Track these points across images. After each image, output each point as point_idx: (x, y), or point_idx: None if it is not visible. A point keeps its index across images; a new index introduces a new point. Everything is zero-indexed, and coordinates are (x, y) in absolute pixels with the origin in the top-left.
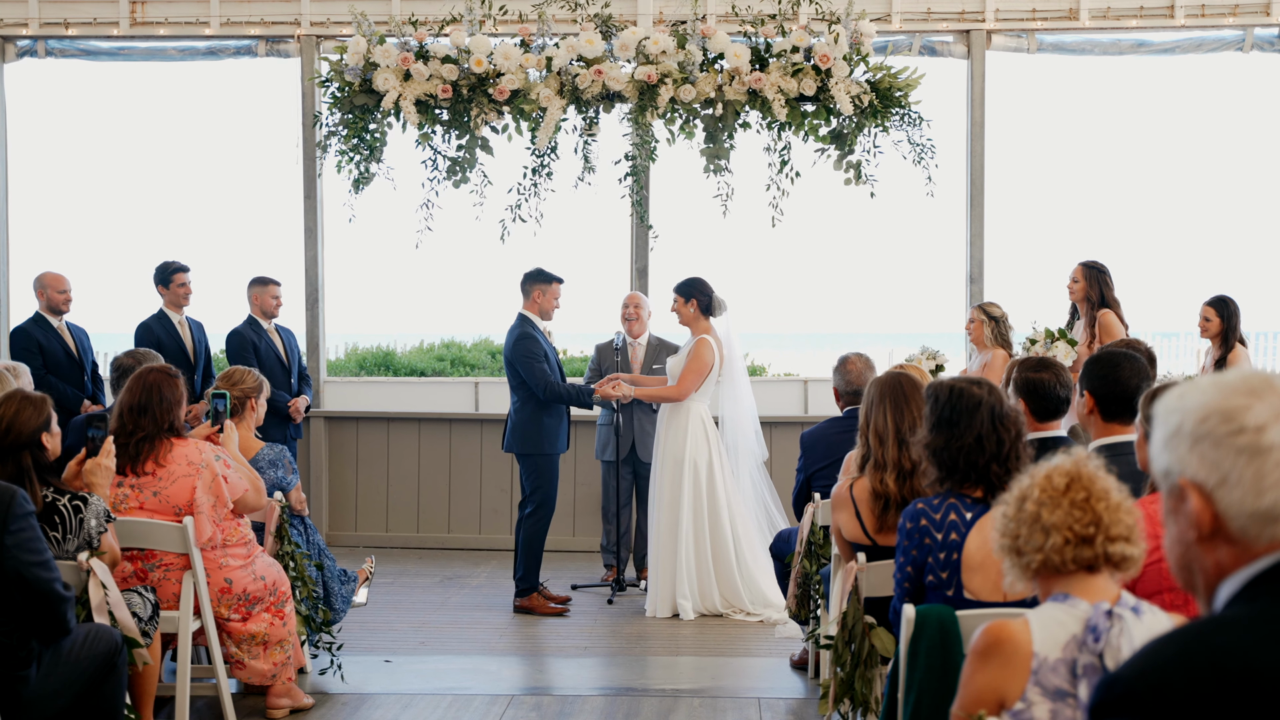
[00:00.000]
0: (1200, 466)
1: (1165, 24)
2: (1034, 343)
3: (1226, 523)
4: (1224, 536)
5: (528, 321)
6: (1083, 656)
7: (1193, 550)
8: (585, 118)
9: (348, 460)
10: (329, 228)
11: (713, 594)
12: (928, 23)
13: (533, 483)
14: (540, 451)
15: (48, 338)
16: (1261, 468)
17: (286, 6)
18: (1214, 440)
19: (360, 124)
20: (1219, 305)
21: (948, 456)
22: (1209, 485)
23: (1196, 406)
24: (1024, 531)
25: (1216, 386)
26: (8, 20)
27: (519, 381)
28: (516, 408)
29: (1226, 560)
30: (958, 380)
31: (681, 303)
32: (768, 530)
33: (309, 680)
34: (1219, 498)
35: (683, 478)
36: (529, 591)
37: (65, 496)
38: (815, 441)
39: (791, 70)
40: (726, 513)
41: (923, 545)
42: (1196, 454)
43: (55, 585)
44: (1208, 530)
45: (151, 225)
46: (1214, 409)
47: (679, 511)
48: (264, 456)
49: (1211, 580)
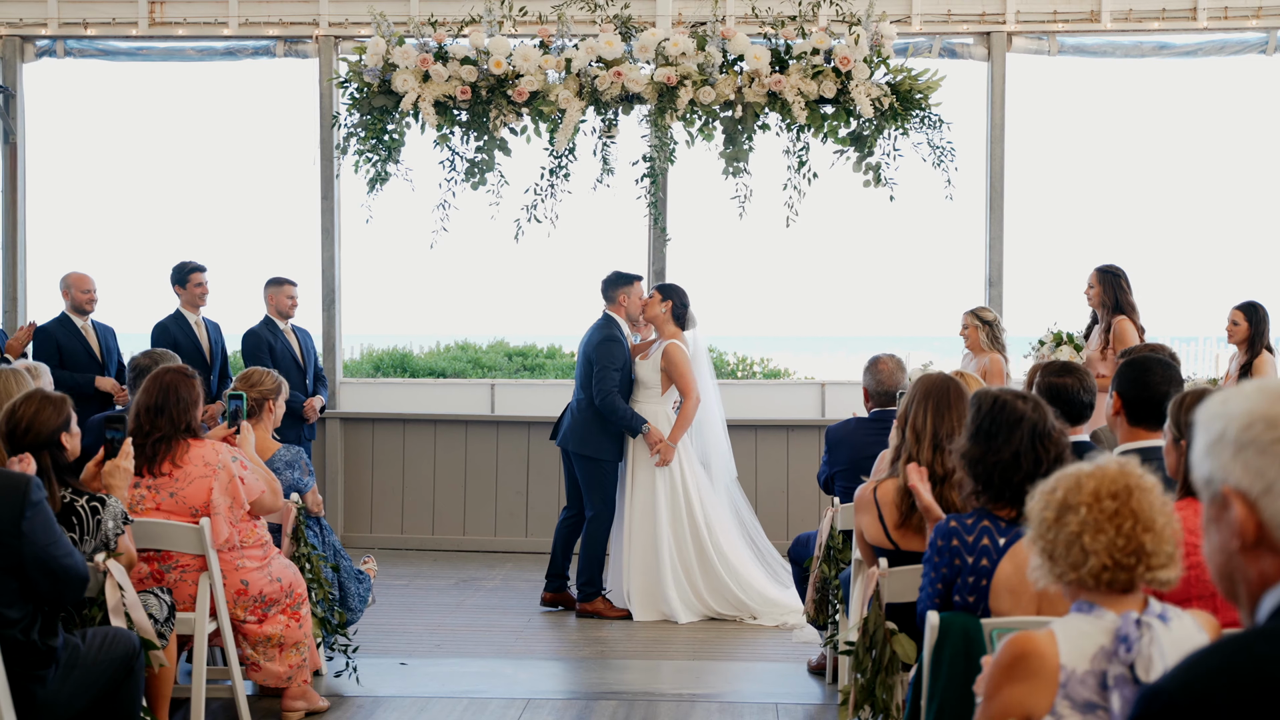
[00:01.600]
0: (1244, 474)
1: (1188, 26)
2: (1041, 344)
3: (1271, 531)
4: (1268, 545)
5: (614, 324)
6: (1113, 668)
7: (1235, 560)
8: (604, 119)
9: (363, 461)
10: (346, 228)
11: (705, 596)
12: (948, 24)
13: (592, 488)
14: (601, 457)
15: (69, 337)
16: None
17: (305, 7)
18: (1259, 447)
19: (378, 125)
20: (1248, 310)
21: (983, 470)
22: (1253, 493)
23: (1241, 413)
24: (1060, 547)
25: (1262, 392)
26: (27, 20)
27: (590, 379)
28: (584, 406)
29: (1270, 570)
30: (1004, 392)
31: (658, 299)
32: (755, 536)
33: (325, 682)
34: (1263, 506)
35: (655, 481)
36: (594, 596)
37: (83, 498)
38: (840, 441)
39: (811, 72)
40: (701, 514)
41: (953, 565)
42: (1240, 461)
43: (76, 563)
44: (1251, 539)
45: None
46: (1260, 415)
47: (656, 513)
48: (280, 458)
49: (1255, 590)
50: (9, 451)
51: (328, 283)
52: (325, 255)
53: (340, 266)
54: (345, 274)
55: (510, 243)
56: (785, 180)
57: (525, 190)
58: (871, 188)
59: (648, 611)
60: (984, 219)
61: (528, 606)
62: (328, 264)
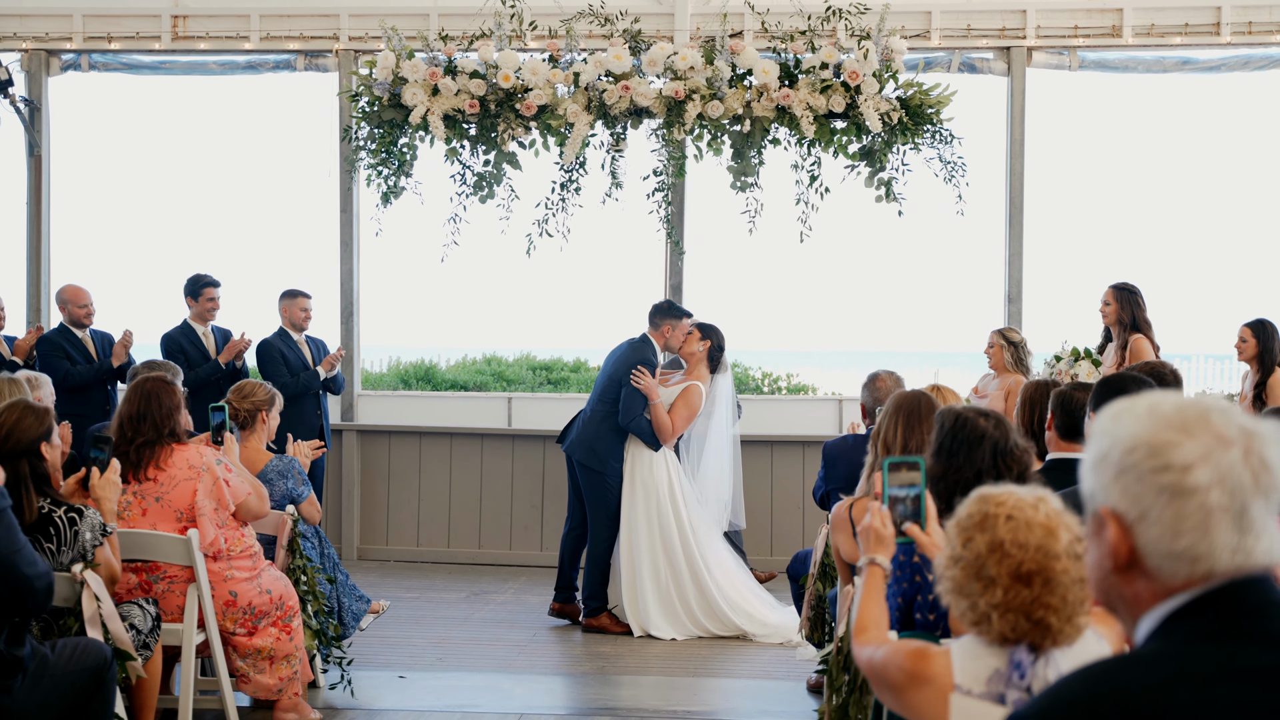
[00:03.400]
0: (1122, 498)
1: (1211, 41)
2: (1059, 360)
3: (1144, 558)
4: (1141, 570)
5: (650, 347)
6: (1011, 692)
7: (1110, 579)
8: (613, 133)
9: (380, 474)
10: (366, 241)
11: (697, 615)
12: (968, 39)
13: (596, 501)
14: (606, 470)
15: (70, 347)
16: (1182, 509)
17: (325, 21)
18: (1138, 475)
19: (389, 138)
20: (1257, 327)
21: (944, 487)
22: (1129, 518)
23: (1127, 436)
24: (965, 605)
25: (1151, 416)
26: (53, 34)
27: (613, 396)
28: (596, 419)
29: (1144, 593)
30: (966, 410)
31: (698, 336)
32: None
33: (321, 695)
34: (1139, 532)
35: (650, 499)
36: (599, 611)
37: (61, 508)
38: (837, 457)
39: (820, 86)
40: (692, 534)
41: (913, 581)
42: (1120, 485)
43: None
44: (1123, 562)
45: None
46: (1142, 441)
47: (635, 529)
48: (273, 468)
49: (1133, 611)
50: None
51: (346, 295)
52: (344, 268)
53: (359, 279)
54: (365, 286)
55: (536, 258)
56: (798, 195)
57: (536, 204)
58: (883, 203)
59: (643, 628)
60: (1003, 235)
61: (535, 621)
62: (346, 276)
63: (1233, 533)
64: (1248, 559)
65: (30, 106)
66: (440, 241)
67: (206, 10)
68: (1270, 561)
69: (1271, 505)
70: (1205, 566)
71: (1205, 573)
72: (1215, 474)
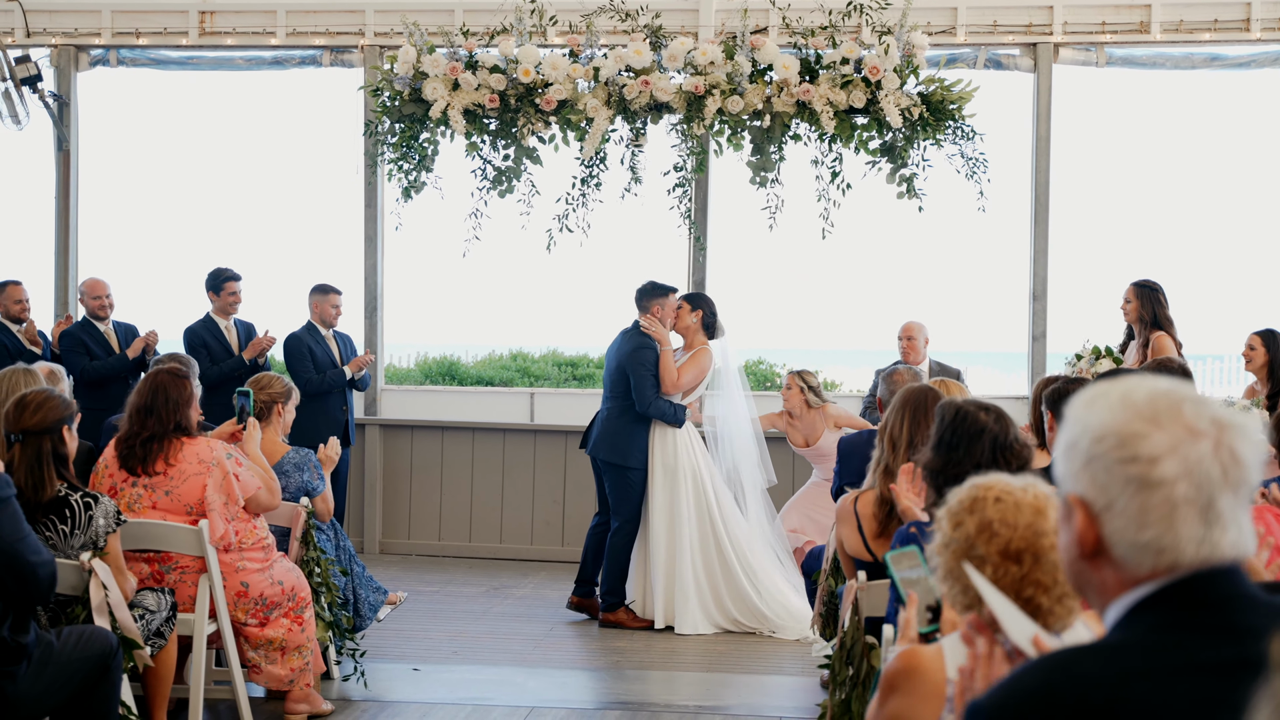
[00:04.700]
0: (1090, 487)
1: (1240, 37)
2: (1080, 358)
3: (1110, 547)
4: (1107, 559)
5: (645, 336)
6: None
7: (1079, 564)
8: (633, 128)
9: (402, 468)
10: (391, 236)
11: (727, 606)
12: (994, 35)
13: (619, 497)
14: (628, 465)
15: (93, 340)
16: (1147, 501)
17: (351, 17)
18: (1105, 464)
19: (410, 133)
20: (1267, 336)
21: (944, 481)
22: (1096, 507)
23: (1096, 425)
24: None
25: (1123, 405)
26: (82, 30)
27: (623, 389)
28: (613, 415)
29: (1111, 582)
30: (966, 403)
31: (687, 310)
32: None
33: (335, 686)
34: (1105, 521)
35: (678, 487)
36: (616, 606)
37: (78, 493)
38: (852, 452)
39: (841, 82)
40: (722, 521)
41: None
42: (1088, 474)
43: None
44: (1090, 550)
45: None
46: (1111, 431)
47: (678, 521)
48: (289, 460)
49: (1101, 598)
50: (13, 428)
51: (370, 290)
52: (368, 263)
53: (383, 274)
54: (390, 282)
55: (562, 254)
56: (819, 192)
57: (557, 200)
58: (905, 199)
59: (669, 621)
60: (1029, 232)
61: (552, 615)
62: (370, 271)
63: (1199, 525)
64: (1214, 551)
65: (59, 101)
66: (462, 237)
67: (233, 6)
68: (1239, 554)
69: (1242, 498)
70: (1170, 558)
71: (1170, 564)
72: (1183, 466)
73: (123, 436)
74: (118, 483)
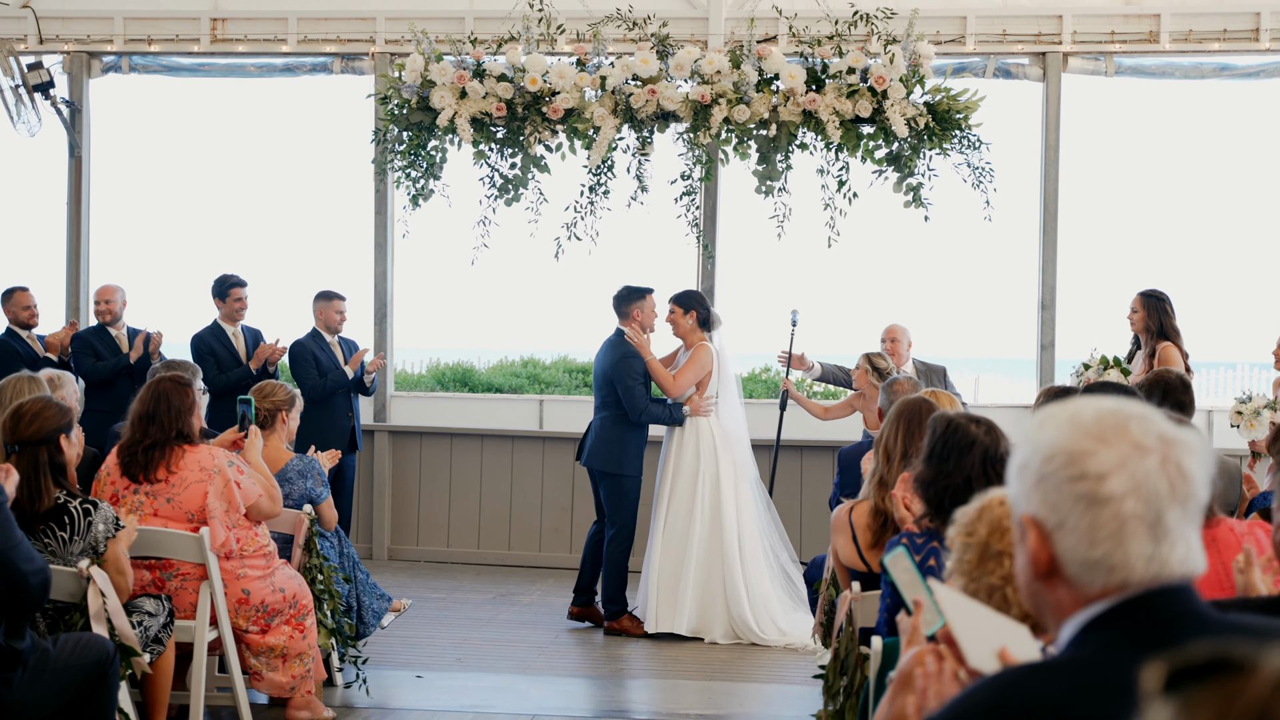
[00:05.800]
0: (1041, 506)
1: (1250, 47)
2: (1087, 368)
3: (1062, 566)
4: (1060, 578)
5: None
6: None
7: (1034, 585)
8: (639, 137)
9: (410, 475)
10: (401, 243)
11: (725, 617)
12: (1003, 44)
13: (614, 505)
14: (623, 473)
15: (102, 344)
16: (1097, 518)
17: (362, 25)
18: (1055, 483)
19: (418, 141)
20: None
21: (934, 493)
22: (1047, 526)
23: (1047, 444)
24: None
25: (1071, 424)
26: (94, 36)
27: (612, 399)
28: (606, 424)
29: (1065, 601)
30: (958, 416)
31: (680, 313)
32: (779, 551)
33: (338, 693)
34: (1057, 540)
35: (695, 493)
36: (619, 614)
37: (76, 500)
38: (852, 462)
39: (847, 91)
40: (735, 532)
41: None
42: (1039, 493)
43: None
44: (1044, 570)
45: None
46: (1060, 450)
47: (690, 527)
48: (293, 468)
49: (1056, 618)
50: (9, 439)
51: (380, 296)
52: (378, 269)
53: (393, 280)
54: (401, 288)
55: (572, 262)
56: (826, 200)
57: (565, 208)
58: (911, 208)
59: (669, 627)
60: (1038, 241)
61: (557, 622)
62: (380, 278)
63: (1147, 542)
64: (1163, 568)
65: (71, 108)
66: (471, 244)
67: (245, 13)
68: (1187, 571)
69: (1189, 513)
70: (1121, 576)
71: (1120, 582)
72: (1130, 482)
73: (125, 444)
74: (119, 490)
